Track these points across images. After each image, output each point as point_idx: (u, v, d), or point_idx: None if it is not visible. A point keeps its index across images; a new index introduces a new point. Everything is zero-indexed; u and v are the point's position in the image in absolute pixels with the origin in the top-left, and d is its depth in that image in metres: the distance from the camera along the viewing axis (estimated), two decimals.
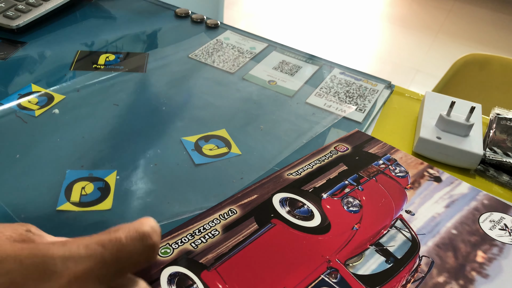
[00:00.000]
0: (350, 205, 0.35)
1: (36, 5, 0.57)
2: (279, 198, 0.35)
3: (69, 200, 0.35)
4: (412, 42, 2.25)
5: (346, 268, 0.30)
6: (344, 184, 0.37)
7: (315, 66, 0.56)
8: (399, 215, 0.35)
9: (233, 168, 0.40)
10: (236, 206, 0.35)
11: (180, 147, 0.41)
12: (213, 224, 0.33)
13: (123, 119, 0.44)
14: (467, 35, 2.32)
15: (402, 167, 0.40)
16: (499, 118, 0.47)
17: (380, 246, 0.32)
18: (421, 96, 0.52)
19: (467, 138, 0.43)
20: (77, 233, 0.33)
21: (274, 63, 0.56)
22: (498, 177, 0.42)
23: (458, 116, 0.43)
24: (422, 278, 0.30)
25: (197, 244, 0.31)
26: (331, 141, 0.43)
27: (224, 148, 0.42)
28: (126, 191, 0.36)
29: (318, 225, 0.33)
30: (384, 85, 0.53)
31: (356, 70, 0.55)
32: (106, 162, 0.39)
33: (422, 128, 0.44)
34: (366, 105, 0.49)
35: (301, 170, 0.39)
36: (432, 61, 2.09)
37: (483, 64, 0.81)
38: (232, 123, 0.45)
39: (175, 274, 0.29)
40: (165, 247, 0.31)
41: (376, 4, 2.63)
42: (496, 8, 2.59)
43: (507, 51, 2.18)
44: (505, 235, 0.34)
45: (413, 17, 2.48)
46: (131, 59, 0.54)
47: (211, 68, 0.54)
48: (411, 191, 0.37)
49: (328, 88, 0.52)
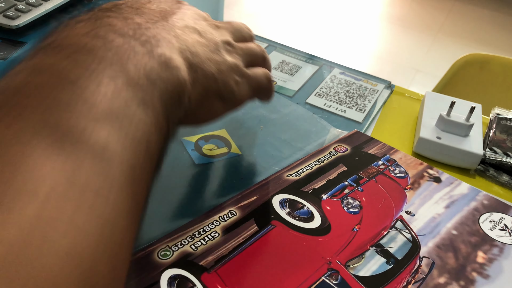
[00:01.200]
0: (350, 206, 0.35)
1: (36, 5, 0.57)
2: (279, 199, 0.35)
3: None
4: (412, 42, 2.25)
5: (346, 269, 0.30)
6: (344, 185, 0.37)
7: (315, 66, 0.56)
8: (399, 216, 0.35)
9: (233, 168, 0.39)
10: (236, 207, 0.34)
11: (180, 147, 0.41)
12: (213, 226, 0.33)
13: None
14: (467, 35, 2.32)
15: (401, 168, 0.40)
16: (499, 118, 0.47)
17: (380, 247, 0.32)
18: (421, 96, 0.52)
19: (467, 138, 0.43)
20: None
21: (274, 63, 0.56)
22: (498, 177, 0.42)
23: (458, 116, 0.43)
24: (423, 279, 0.30)
25: (197, 246, 0.31)
26: (330, 142, 0.43)
27: (224, 148, 0.42)
28: None
29: (318, 226, 0.33)
30: (384, 85, 0.53)
31: (356, 70, 0.55)
32: None
33: (422, 128, 0.43)
34: (366, 105, 0.49)
35: (301, 171, 0.39)
36: (432, 61, 2.09)
37: (483, 64, 0.81)
38: (232, 123, 0.45)
39: (175, 277, 0.29)
40: (165, 249, 0.31)
41: (376, 4, 2.63)
42: (496, 8, 2.59)
43: (507, 51, 2.18)
44: (505, 235, 0.34)
45: (413, 17, 2.47)
46: None
47: None
48: (411, 191, 0.37)
49: (328, 88, 0.52)
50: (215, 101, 0.30)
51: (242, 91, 0.32)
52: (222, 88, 0.29)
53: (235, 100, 0.32)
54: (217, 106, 0.30)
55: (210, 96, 0.29)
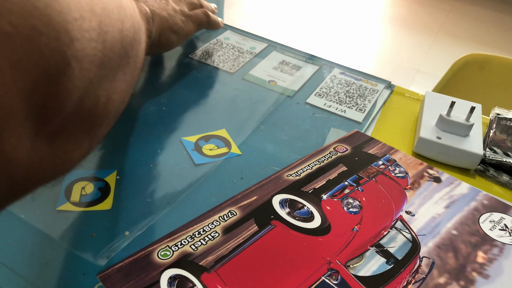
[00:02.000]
0: (350, 206, 0.35)
1: None
2: (279, 199, 0.35)
3: (69, 200, 0.35)
4: (412, 42, 2.25)
5: (346, 269, 0.30)
6: (344, 185, 0.37)
7: (315, 66, 0.56)
8: (399, 216, 0.35)
9: (233, 168, 0.39)
10: (236, 207, 0.34)
11: (180, 147, 0.41)
12: (213, 226, 0.33)
13: (123, 119, 0.44)
14: (467, 35, 2.32)
15: (401, 168, 0.40)
16: (499, 118, 0.47)
17: (380, 247, 0.32)
18: (421, 96, 0.52)
19: (467, 138, 0.43)
20: (77, 233, 0.33)
21: (274, 63, 0.56)
22: (498, 177, 0.42)
23: (458, 116, 0.43)
24: (423, 279, 0.30)
25: (197, 246, 0.31)
26: (330, 142, 0.43)
27: (224, 148, 0.42)
28: (126, 191, 0.36)
29: (318, 226, 0.33)
30: (384, 85, 0.53)
31: (356, 70, 0.55)
32: (106, 162, 0.39)
33: (422, 128, 0.43)
34: (366, 105, 0.49)
35: (301, 171, 0.39)
36: (432, 61, 2.09)
37: (483, 64, 0.81)
38: (232, 123, 0.45)
39: (175, 277, 0.29)
40: (165, 249, 0.31)
41: (376, 4, 2.63)
42: (496, 8, 2.59)
43: (507, 51, 2.17)
44: (505, 235, 0.34)
45: (413, 17, 2.47)
46: None
47: (211, 68, 0.54)
48: (411, 191, 0.37)
49: (328, 88, 0.52)
50: (170, 34, 0.48)
51: (187, 26, 0.50)
52: (172, 25, 0.47)
53: (184, 32, 0.50)
54: (172, 37, 0.48)
55: (166, 30, 0.47)
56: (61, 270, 0.30)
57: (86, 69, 0.20)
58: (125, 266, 0.29)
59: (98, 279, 0.29)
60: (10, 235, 0.32)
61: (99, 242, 0.32)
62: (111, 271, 0.29)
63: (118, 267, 0.29)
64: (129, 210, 0.35)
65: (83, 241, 0.32)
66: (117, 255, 0.31)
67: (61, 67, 0.18)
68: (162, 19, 0.45)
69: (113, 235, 0.33)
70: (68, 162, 0.23)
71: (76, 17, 0.18)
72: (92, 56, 0.20)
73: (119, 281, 0.28)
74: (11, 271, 0.30)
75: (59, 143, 0.21)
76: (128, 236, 0.33)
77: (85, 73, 0.20)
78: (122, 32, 0.24)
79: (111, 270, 0.29)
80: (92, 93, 0.22)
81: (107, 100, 0.24)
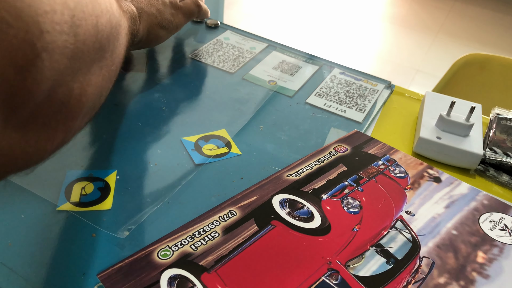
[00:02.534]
0: (350, 206, 0.35)
1: None
2: (279, 199, 0.35)
3: (69, 200, 0.35)
4: (412, 42, 2.25)
5: (346, 269, 0.30)
6: (344, 185, 0.37)
7: (315, 66, 0.56)
8: (399, 216, 0.35)
9: (233, 168, 0.39)
10: (236, 207, 0.34)
11: (180, 147, 0.41)
12: (213, 226, 0.33)
13: (123, 119, 0.44)
14: (467, 35, 2.32)
15: (401, 168, 0.40)
16: (499, 118, 0.47)
17: (380, 247, 0.32)
18: (421, 96, 0.52)
19: (467, 138, 0.43)
20: (77, 233, 0.33)
21: (274, 63, 0.56)
22: (498, 177, 0.42)
23: (458, 116, 0.43)
24: (423, 279, 0.30)
25: (197, 246, 0.31)
26: (330, 142, 0.43)
27: (224, 148, 0.42)
28: (126, 191, 0.36)
29: (318, 226, 0.33)
30: (384, 85, 0.53)
31: (356, 70, 0.55)
32: (106, 162, 0.39)
33: (422, 128, 0.43)
34: (366, 105, 0.49)
35: (301, 171, 0.39)
36: (432, 61, 2.09)
37: (483, 64, 0.81)
38: (232, 123, 0.45)
39: (175, 277, 0.29)
40: (165, 249, 0.31)
41: (376, 4, 2.63)
42: (496, 8, 2.59)
43: (507, 51, 2.17)
44: (505, 235, 0.34)
45: (413, 17, 2.47)
46: (131, 59, 0.54)
47: (211, 68, 0.54)
48: (411, 191, 0.37)
49: (328, 88, 0.52)
50: (159, 30, 0.48)
51: (177, 19, 0.50)
52: (161, 20, 0.47)
53: (173, 26, 0.50)
54: (161, 33, 0.49)
55: (155, 27, 0.47)
56: (61, 270, 0.30)
57: (56, 60, 0.20)
58: (125, 266, 0.29)
59: (98, 279, 0.29)
60: (10, 235, 0.32)
61: (99, 242, 0.32)
62: (111, 271, 0.29)
63: (118, 267, 0.29)
64: (129, 210, 0.35)
65: (83, 241, 0.32)
66: (117, 255, 0.31)
67: (30, 59, 0.18)
68: (150, 16, 0.45)
69: (113, 235, 0.33)
70: (41, 152, 0.23)
71: (47, 10, 0.19)
72: (63, 48, 0.21)
73: (119, 281, 0.28)
74: (11, 271, 0.30)
75: (31, 133, 0.22)
76: (128, 236, 0.33)
77: (55, 65, 0.20)
78: (96, 26, 0.25)
79: (111, 270, 0.29)
80: (64, 85, 0.22)
81: (81, 92, 0.25)
